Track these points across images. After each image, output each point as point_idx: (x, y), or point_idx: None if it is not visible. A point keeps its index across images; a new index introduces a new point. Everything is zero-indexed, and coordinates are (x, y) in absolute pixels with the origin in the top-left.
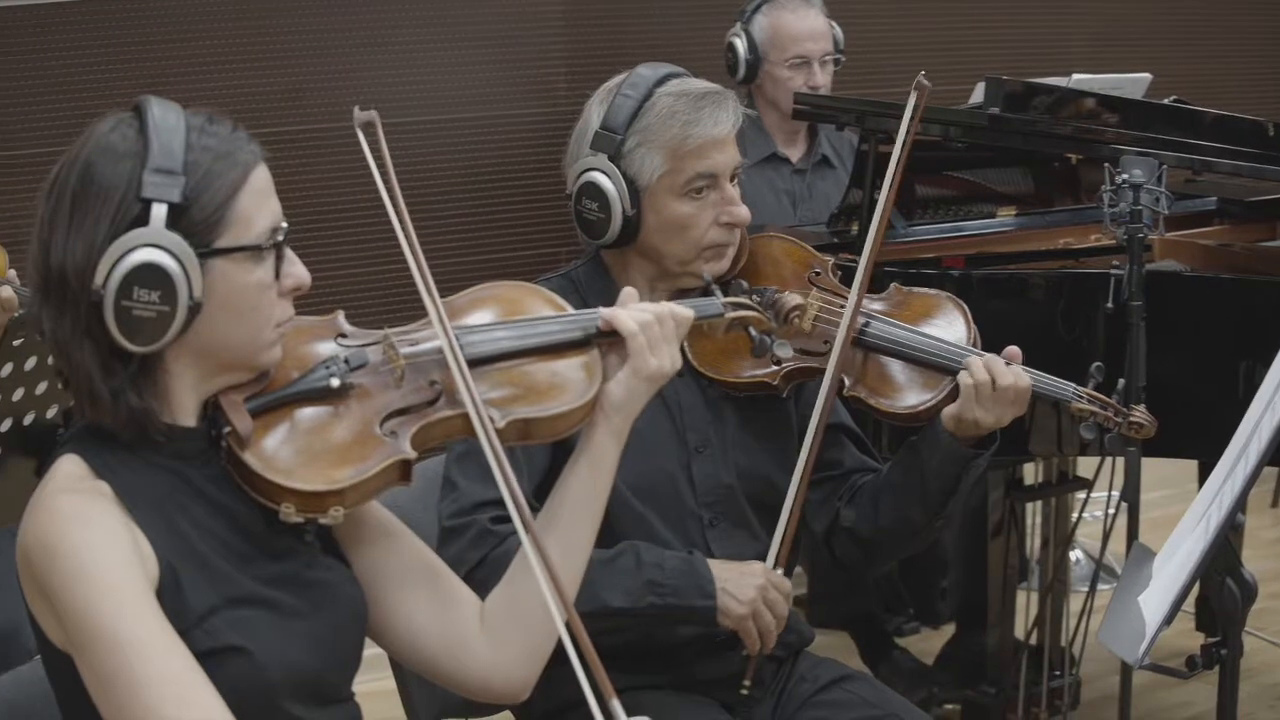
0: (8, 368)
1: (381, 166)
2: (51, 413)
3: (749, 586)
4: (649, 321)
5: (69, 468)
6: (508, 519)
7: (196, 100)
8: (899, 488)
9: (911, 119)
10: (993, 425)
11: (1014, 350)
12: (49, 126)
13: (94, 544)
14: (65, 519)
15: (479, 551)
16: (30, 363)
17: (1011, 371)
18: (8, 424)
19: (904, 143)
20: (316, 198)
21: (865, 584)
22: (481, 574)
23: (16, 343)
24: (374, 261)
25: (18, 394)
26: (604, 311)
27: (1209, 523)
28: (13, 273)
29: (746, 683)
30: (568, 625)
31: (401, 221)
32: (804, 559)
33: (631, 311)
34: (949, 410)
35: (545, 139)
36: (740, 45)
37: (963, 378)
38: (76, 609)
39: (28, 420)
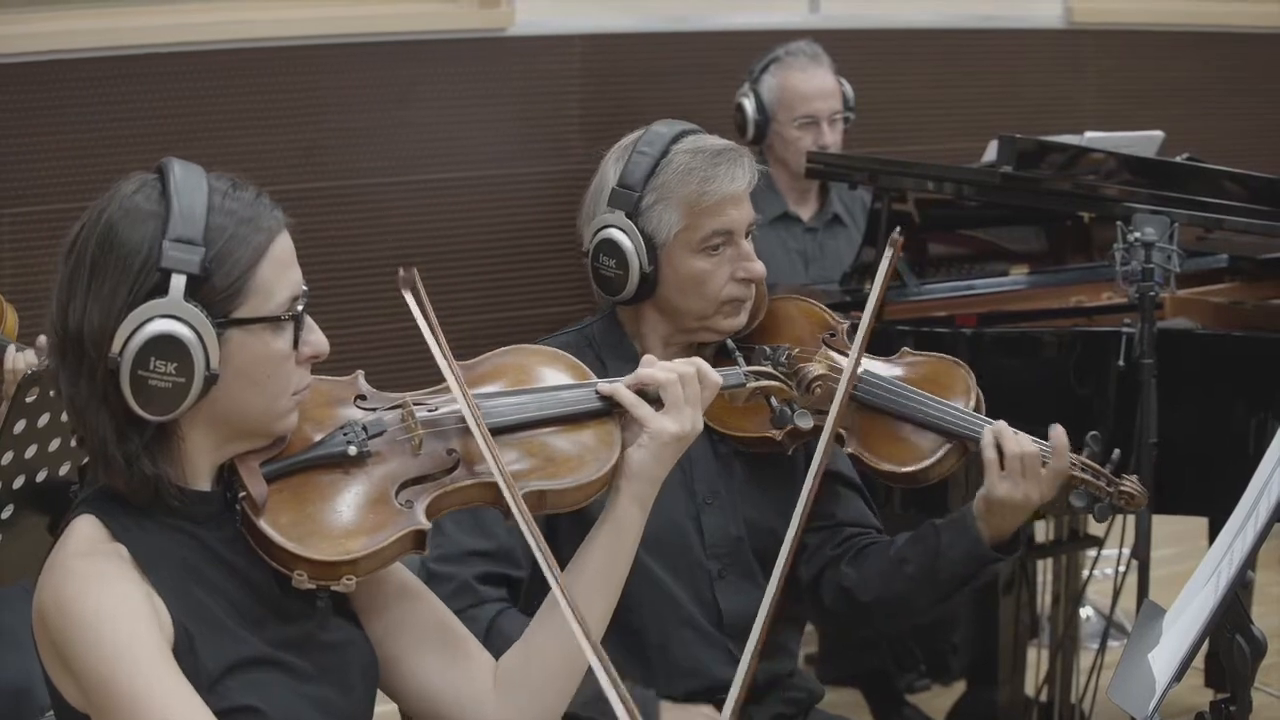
0: (21, 424)
1: (429, 322)
2: (64, 469)
3: None
4: (670, 382)
5: (86, 529)
6: (494, 579)
7: (209, 159)
8: (909, 569)
9: (887, 272)
10: (1021, 503)
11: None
12: (62, 183)
13: (111, 608)
14: (83, 582)
15: (454, 605)
16: (43, 419)
17: (1018, 440)
18: (21, 480)
19: (878, 294)
20: (330, 256)
21: (876, 640)
22: None
23: (30, 399)
24: (388, 319)
25: (30, 451)
26: (617, 393)
27: (1219, 580)
28: (42, 339)
29: None
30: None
31: (451, 370)
32: (808, 614)
33: (651, 374)
34: (980, 493)
35: (560, 196)
36: (749, 105)
37: (986, 450)
38: (96, 672)
39: (40, 477)
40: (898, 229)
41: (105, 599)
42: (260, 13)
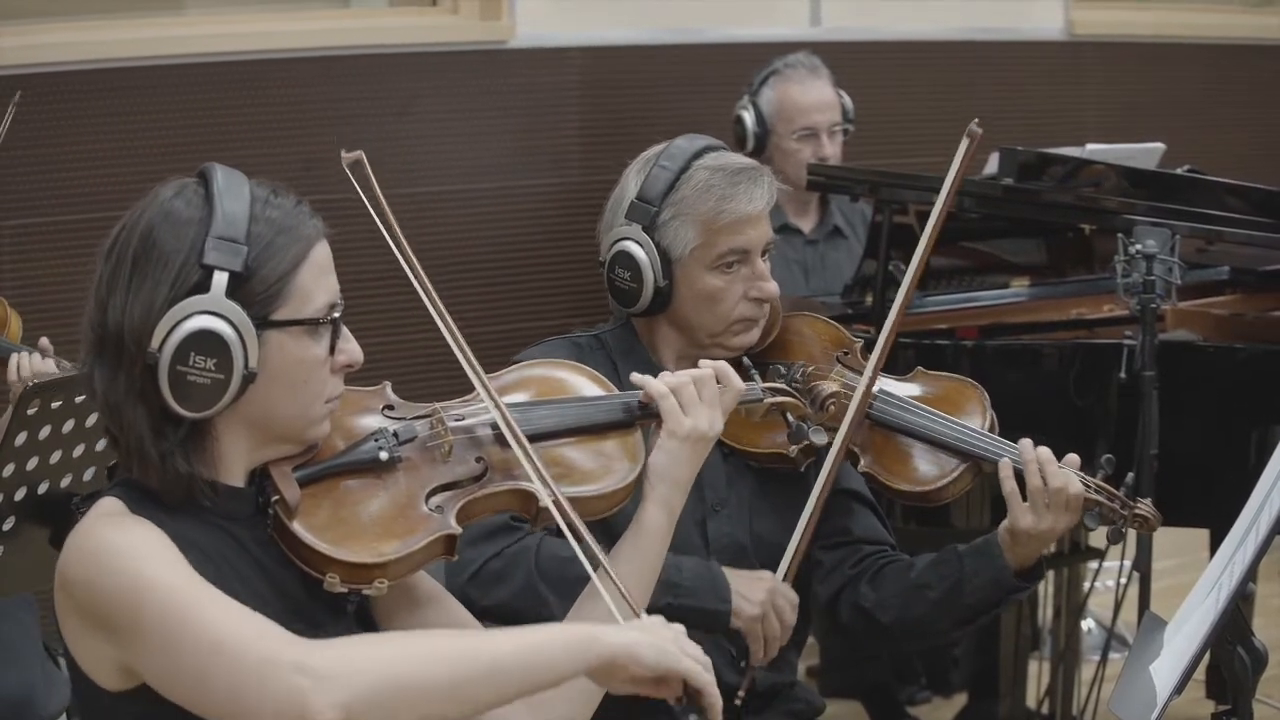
0: (22, 437)
1: (376, 203)
2: (66, 482)
3: (760, 590)
4: (682, 383)
5: (107, 505)
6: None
7: None
8: (932, 594)
9: (960, 165)
10: (1046, 532)
11: (1068, 458)
12: (62, 196)
13: (140, 540)
14: (107, 527)
15: (498, 544)
16: (45, 431)
17: (1061, 474)
18: (22, 493)
19: (950, 190)
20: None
21: (877, 652)
22: (497, 565)
23: (31, 411)
24: (385, 330)
25: (32, 463)
26: (635, 378)
27: (1220, 592)
28: (45, 340)
29: (741, 694)
30: None
31: (408, 261)
32: (815, 629)
33: (663, 377)
34: (1004, 525)
35: (560, 209)
36: (748, 118)
37: (1005, 483)
38: (132, 595)
39: (42, 489)
40: (976, 120)
41: (131, 535)
42: (260, 25)
